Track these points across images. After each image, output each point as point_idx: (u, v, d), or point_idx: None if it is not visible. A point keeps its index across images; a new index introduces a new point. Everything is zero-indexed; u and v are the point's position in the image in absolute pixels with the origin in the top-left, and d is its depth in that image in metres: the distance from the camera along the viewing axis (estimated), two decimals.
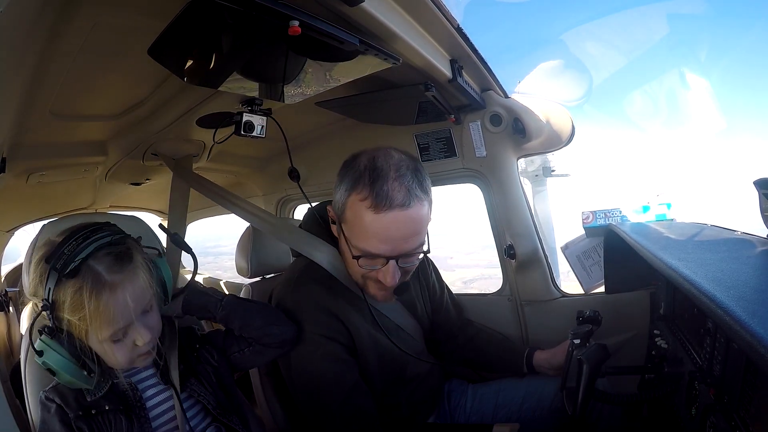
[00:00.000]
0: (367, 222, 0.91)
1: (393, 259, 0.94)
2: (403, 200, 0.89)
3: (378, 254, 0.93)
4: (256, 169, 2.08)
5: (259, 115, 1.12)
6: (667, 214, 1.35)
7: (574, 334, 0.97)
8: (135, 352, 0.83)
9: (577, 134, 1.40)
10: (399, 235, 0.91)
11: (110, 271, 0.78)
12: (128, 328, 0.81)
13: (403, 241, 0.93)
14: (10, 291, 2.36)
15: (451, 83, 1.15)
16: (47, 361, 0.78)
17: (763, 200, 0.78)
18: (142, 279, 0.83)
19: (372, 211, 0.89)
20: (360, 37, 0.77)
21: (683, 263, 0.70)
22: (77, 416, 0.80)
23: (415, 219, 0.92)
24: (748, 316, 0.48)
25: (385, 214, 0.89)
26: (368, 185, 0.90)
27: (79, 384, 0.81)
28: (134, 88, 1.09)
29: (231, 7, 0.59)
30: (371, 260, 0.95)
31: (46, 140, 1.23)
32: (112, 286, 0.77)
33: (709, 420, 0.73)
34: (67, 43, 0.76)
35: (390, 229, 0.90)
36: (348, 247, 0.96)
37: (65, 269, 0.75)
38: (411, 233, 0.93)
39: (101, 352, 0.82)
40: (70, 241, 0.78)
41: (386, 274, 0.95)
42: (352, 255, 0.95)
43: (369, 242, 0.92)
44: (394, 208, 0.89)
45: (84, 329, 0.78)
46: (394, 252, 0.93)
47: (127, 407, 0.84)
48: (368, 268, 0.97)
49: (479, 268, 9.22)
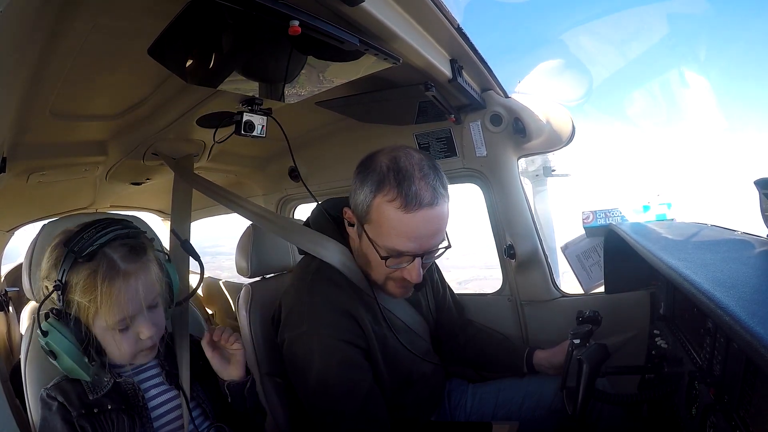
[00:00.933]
0: (397, 222, 0.92)
1: (419, 257, 0.96)
2: (431, 199, 0.92)
3: (407, 252, 0.95)
4: (257, 169, 2.08)
5: (259, 115, 1.12)
6: (667, 214, 1.35)
7: (574, 334, 0.97)
8: (138, 346, 0.84)
9: (577, 134, 1.40)
10: (427, 233, 0.94)
11: (125, 260, 0.80)
12: (135, 318, 0.82)
13: (430, 238, 0.95)
14: (10, 291, 2.36)
15: (451, 83, 1.15)
16: (51, 341, 0.78)
17: (764, 200, 0.78)
18: (154, 273, 0.85)
19: (402, 212, 0.91)
20: (360, 37, 0.77)
21: (683, 263, 0.70)
22: (80, 414, 0.80)
23: (441, 216, 0.95)
24: (748, 316, 0.48)
25: (415, 213, 0.91)
26: (395, 186, 0.92)
27: (78, 372, 0.80)
28: (134, 88, 1.09)
29: (231, 7, 0.59)
30: (398, 259, 0.97)
31: (46, 140, 1.23)
32: (126, 273, 0.79)
33: (709, 420, 0.73)
34: (67, 43, 0.76)
35: (420, 228, 0.93)
36: (374, 248, 0.97)
37: (82, 252, 0.78)
38: (437, 230, 0.95)
39: (105, 342, 0.82)
40: (89, 228, 0.82)
41: (412, 272, 0.97)
42: (381, 256, 0.96)
43: (399, 241, 0.94)
44: (424, 207, 0.91)
45: (92, 312, 0.78)
46: (421, 249, 0.95)
47: (129, 407, 0.84)
48: (395, 267, 0.98)
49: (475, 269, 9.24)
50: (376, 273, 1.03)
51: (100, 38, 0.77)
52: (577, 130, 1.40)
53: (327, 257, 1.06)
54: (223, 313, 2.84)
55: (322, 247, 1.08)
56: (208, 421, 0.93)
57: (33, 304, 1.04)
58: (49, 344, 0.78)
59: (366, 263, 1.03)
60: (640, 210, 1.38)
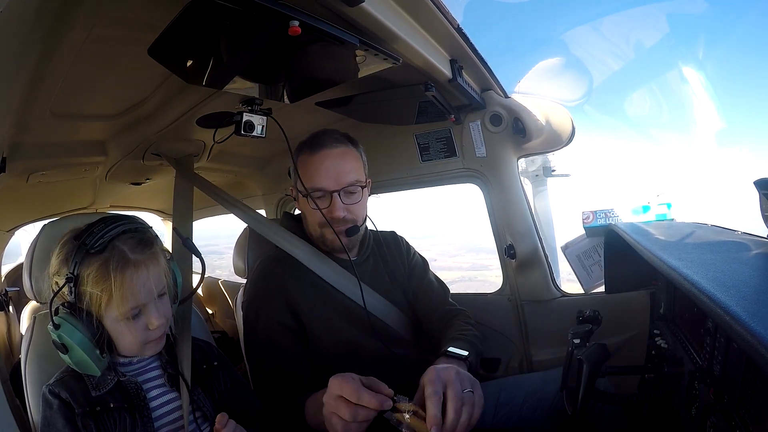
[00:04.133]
0: (309, 164, 1.15)
1: (336, 193, 1.14)
2: (331, 143, 1.16)
3: (324, 188, 1.14)
4: (256, 169, 2.08)
5: (259, 115, 1.12)
6: (667, 214, 1.35)
7: (574, 333, 0.97)
8: (146, 336, 0.85)
9: (577, 134, 1.40)
10: (335, 171, 1.14)
11: (134, 251, 0.83)
12: (144, 307, 0.84)
13: (340, 176, 1.14)
14: (10, 291, 2.36)
15: (451, 83, 1.15)
16: (63, 334, 0.78)
17: (764, 200, 0.78)
18: (162, 264, 0.88)
19: (308, 155, 1.16)
20: (360, 37, 0.77)
21: (683, 263, 0.70)
22: (84, 412, 0.80)
23: (344, 157, 1.16)
24: (748, 316, 0.48)
25: (318, 153, 1.15)
26: (306, 143, 1.19)
27: (89, 364, 0.81)
28: (134, 88, 1.09)
29: (231, 7, 0.59)
30: (321, 199, 1.15)
31: (46, 140, 1.24)
32: (136, 263, 0.82)
33: (709, 420, 0.73)
34: (67, 43, 0.76)
35: (325, 164, 1.14)
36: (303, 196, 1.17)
37: (94, 245, 0.81)
38: (344, 171, 1.15)
39: (115, 332, 0.84)
40: (99, 224, 0.84)
41: (333, 209, 1.14)
42: (307, 192, 1.15)
43: (314, 179, 1.14)
44: (325, 149, 1.15)
45: (105, 302, 0.80)
46: (335, 185, 1.14)
47: (131, 406, 0.84)
48: (319, 208, 1.14)
49: (461, 270, 9.44)
50: (312, 224, 1.21)
51: (99, 38, 0.77)
52: (577, 130, 1.40)
53: (287, 247, 1.24)
54: (223, 313, 2.84)
55: (284, 239, 1.25)
56: (208, 423, 0.93)
57: (33, 304, 1.04)
58: (61, 337, 0.79)
59: (305, 221, 1.24)
60: (640, 210, 1.38)
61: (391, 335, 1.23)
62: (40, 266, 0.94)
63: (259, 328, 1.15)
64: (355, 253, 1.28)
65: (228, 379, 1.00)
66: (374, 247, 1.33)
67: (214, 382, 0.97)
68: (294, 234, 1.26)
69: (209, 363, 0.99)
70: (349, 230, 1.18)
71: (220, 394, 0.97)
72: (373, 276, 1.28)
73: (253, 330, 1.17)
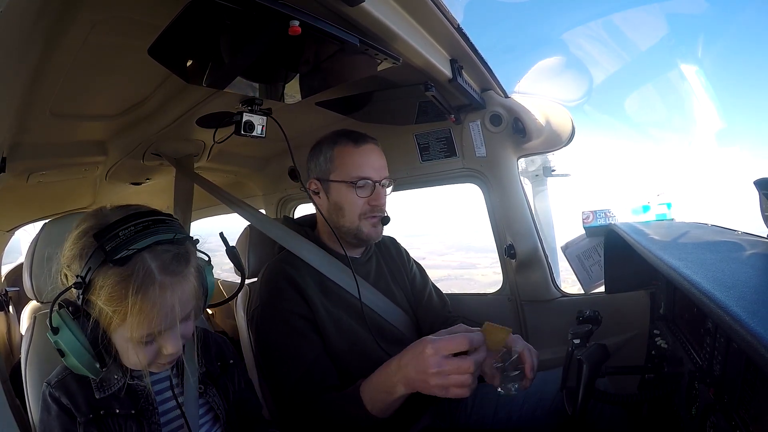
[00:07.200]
0: (356, 155, 1.18)
1: (378, 183, 1.19)
2: (370, 139, 1.21)
3: (370, 177, 1.18)
4: (256, 169, 2.08)
5: (259, 115, 1.12)
6: (667, 214, 1.35)
7: (574, 334, 0.97)
8: (158, 359, 0.74)
9: (577, 134, 1.40)
10: (377, 164, 1.20)
11: (164, 271, 0.68)
12: (161, 335, 0.72)
13: (381, 169, 1.21)
14: (11, 291, 2.36)
15: (451, 83, 1.15)
16: (60, 341, 0.68)
17: (764, 200, 0.78)
18: (192, 286, 0.74)
19: (354, 147, 1.19)
20: (360, 37, 0.77)
21: (683, 263, 0.70)
22: (87, 420, 0.72)
23: (381, 153, 1.23)
24: (748, 315, 0.48)
25: (364, 146, 1.19)
26: (344, 135, 1.20)
27: (84, 372, 0.71)
28: (134, 88, 1.09)
29: (231, 7, 0.59)
30: (363, 188, 1.18)
31: (46, 140, 1.24)
32: (162, 286, 0.68)
33: (709, 420, 0.73)
34: (67, 43, 0.76)
35: (370, 156, 1.19)
36: (346, 185, 1.18)
37: (115, 254, 0.65)
38: (383, 164, 1.22)
39: (122, 349, 0.73)
40: (129, 224, 0.68)
41: (378, 196, 1.19)
42: (353, 183, 1.17)
43: (361, 169, 1.18)
44: (368, 143, 1.20)
45: (115, 323, 0.68)
46: (377, 176, 1.19)
47: (138, 412, 0.77)
48: (366, 195, 1.18)
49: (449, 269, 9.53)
50: (350, 215, 1.20)
51: (99, 38, 0.77)
52: (576, 130, 1.40)
53: (292, 245, 1.24)
54: (223, 312, 2.84)
55: (292, 238, 1.25)
56: (218, 424, 0.87)
57: (33, 304, 1.03)
58: (57, 343, 0.68)
59: (339, 213, 1.21)
60: (640, 210, 1.38)
61: (395, 335, 1.24)
62: (40, 266, 0.92)
63: (281, 326, 1.10)
64: (359, 252, 1.30)
65: (242, 379, 0.94)
66: (376, 248, 1.36)
67: (229, 381, 0.90)
68: (298, 234, 1.26)
69: (224, 360, 0.92)
70: (384, 219, 1.24)
71: (234, 393, 0.91)
72: (376, 276, 1.30)
73: (275, 329, 1.11)
